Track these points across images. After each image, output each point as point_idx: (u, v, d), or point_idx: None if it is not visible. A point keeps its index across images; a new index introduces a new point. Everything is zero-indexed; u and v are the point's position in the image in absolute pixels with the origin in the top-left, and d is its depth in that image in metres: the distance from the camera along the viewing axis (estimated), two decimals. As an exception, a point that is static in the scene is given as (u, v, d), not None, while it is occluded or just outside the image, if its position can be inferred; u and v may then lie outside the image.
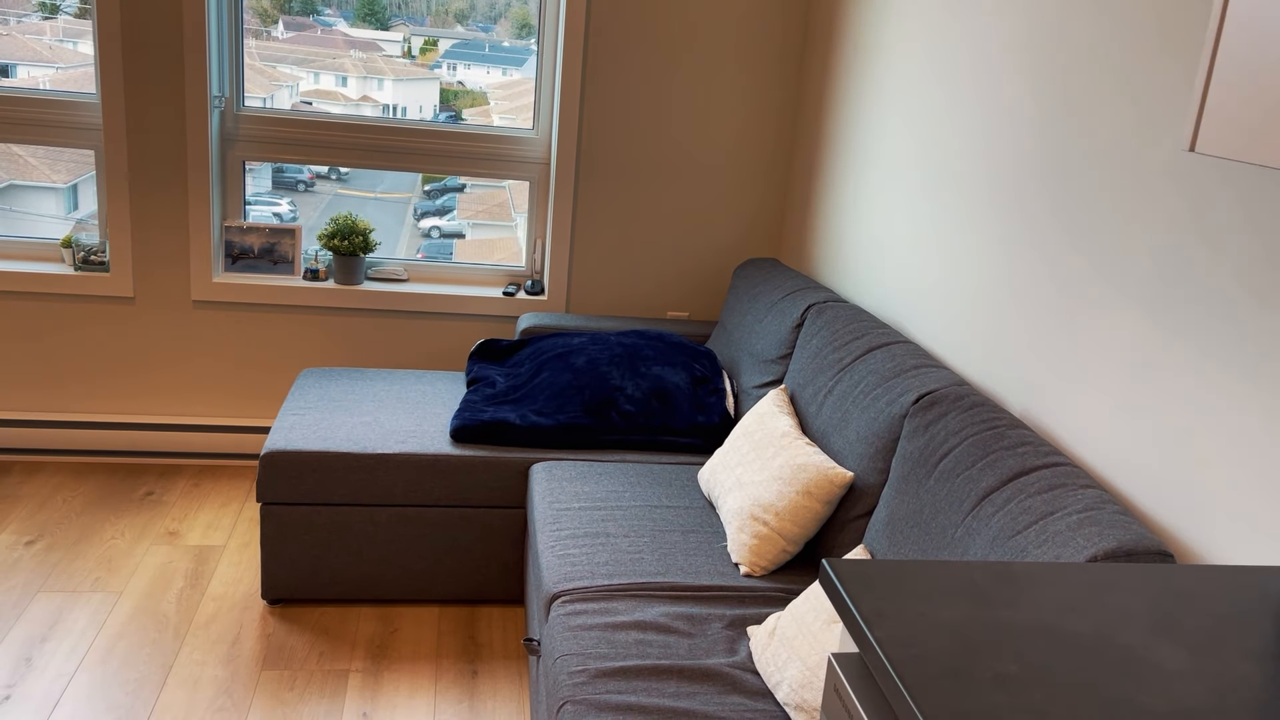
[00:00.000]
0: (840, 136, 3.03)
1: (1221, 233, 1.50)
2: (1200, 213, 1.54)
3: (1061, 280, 1.90)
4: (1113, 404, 1.73)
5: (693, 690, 1.76)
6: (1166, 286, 1.61)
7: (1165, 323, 1.61)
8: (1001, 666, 1.02)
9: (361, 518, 2.61)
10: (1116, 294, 1.74)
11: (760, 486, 2.24)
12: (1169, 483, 1.59)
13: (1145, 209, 1.67)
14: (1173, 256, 1.60)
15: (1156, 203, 1.64)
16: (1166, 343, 1.61)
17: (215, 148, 3.24)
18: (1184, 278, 1.57)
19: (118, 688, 2.29)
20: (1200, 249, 1.54)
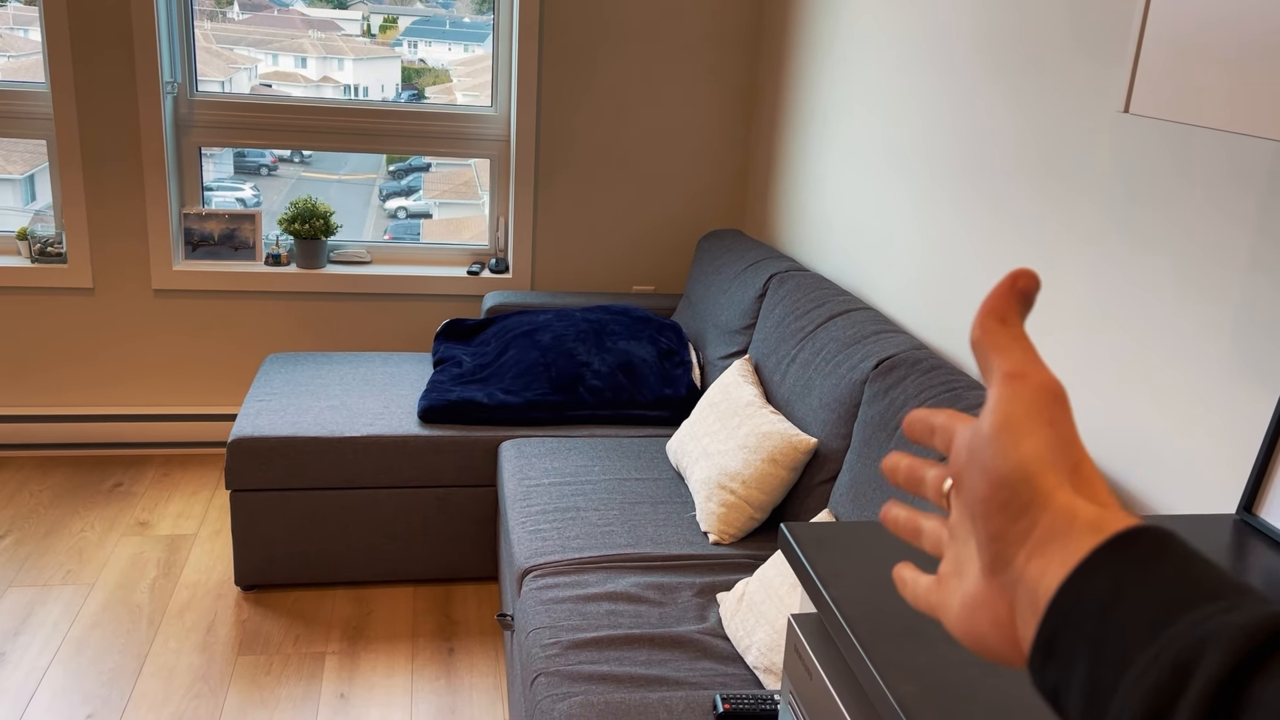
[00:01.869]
0: (800, 107, 3.04)
1: (1155, 188, 1.53)
2: (1136, 170, 1.57)
3: (1012, 242, 1.93)
4: (1065, 358, 1.77)
5: (664, 657, 1.79)
6: (1111, 241, 1.64)
7: (1113, 276, 1.64)
8: (953, 620, 1.05)
9: (332, 501, 2.61)
10: (1063, 253, 1.77)
11: (727, 456, 2.26)
12: (1115, 432, 1.63)
13: (1088, 168, 1.70)
14: (1115, 214, 1.63)
15: (1098, 162, 1.67)
16: (1116, 294, 1.64)
17: (170, 134, 3.20)
18: (1127, 233, 1.60)
19: (93, 679, 2.29)
20: (1139, 206, 1.57)
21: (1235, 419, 1.38)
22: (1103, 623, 0.36)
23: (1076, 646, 0.36)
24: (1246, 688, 0.31)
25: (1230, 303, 1.40)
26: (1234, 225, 1.39)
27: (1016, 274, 0.46)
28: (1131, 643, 0.35)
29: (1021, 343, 0.45)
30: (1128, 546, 0.37)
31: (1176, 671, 0.32)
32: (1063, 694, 0.37)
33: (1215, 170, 1.42)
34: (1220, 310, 1.41)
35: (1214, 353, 1.42)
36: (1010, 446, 0.41)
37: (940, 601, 0.47)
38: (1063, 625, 0.37)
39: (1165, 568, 0.36)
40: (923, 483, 0.51)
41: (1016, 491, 0.41)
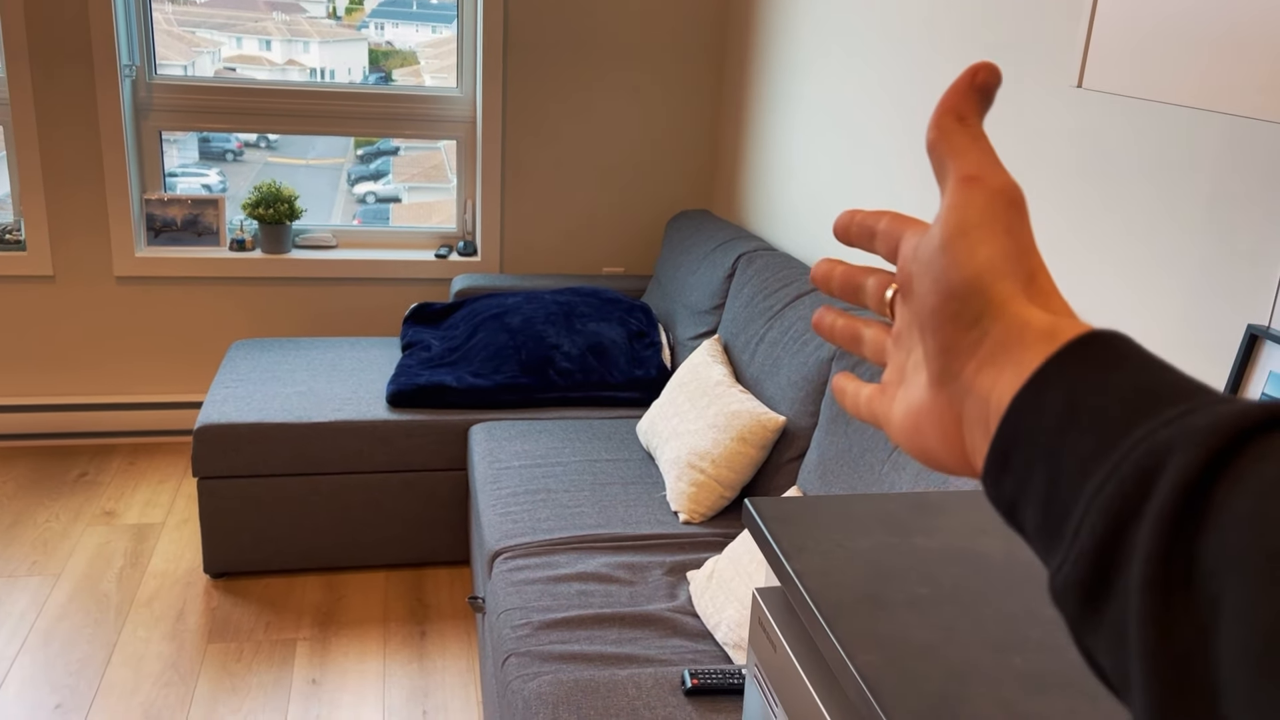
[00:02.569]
0: (768, 87, 3.04)
1: (1110, 162, 1.54)
2: (1097, 148, 1.59)
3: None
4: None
5: (634, 636, 1.80)
6: (1074, 219, 1.66)
7: (1072, 254, 1.66)
8: (913, 589, 1.07)
9: (301, 487, 2.60)
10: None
11: (696, 435, 2.27)
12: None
13: (1043, 145, 1.72)
14: (1077, 190, 1.65)
15: (1052, 139, 1.69)
16: (1075, 274, 1.66)
17: (129, 119, 3.15)
18: (1089, 211, 1.62)
19: (61, 669, 2.27)
20: (1099, 181, 1.59)
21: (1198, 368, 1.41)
22: (1059, 433, 0.34)
23: (1033, 459, 0.35)
24: (1213, 491, 0.29)
25: (1184, 280, 1.42)
26: (1190, 202, 1.41)
27: (976, 67, 0.43)
28: (1090, 452, 0.33)
29: (980, 144, 0.42)
30: (1082, 353, 0.35)
31: (1139, 479, 0.31)
32: (1019, 507, 0.36)
33: (1168, 144, 1.44)
34: (1175, 287, 1.43)
35: (1176, 307, 1.44)
36: (964, 255, 0.39)
37: (883, 411, 0.46)
38: (1017, 437, 0.36)
39: (1122, 373, 0.34)
40: (861, 290, 0.48)
41: (968, 302, 0.39)
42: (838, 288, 0.49)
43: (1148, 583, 0.29)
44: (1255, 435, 0.30)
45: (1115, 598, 0.31)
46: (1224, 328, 1.35)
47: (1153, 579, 0.29)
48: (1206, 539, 0.29)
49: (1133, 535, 0.30)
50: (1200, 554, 0.29)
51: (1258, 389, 1.25)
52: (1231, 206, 1.34)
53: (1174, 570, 0.29)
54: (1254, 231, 1.30)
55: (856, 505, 1.23)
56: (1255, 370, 1.26)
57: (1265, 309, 1.27)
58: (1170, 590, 0.29)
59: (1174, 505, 0.30)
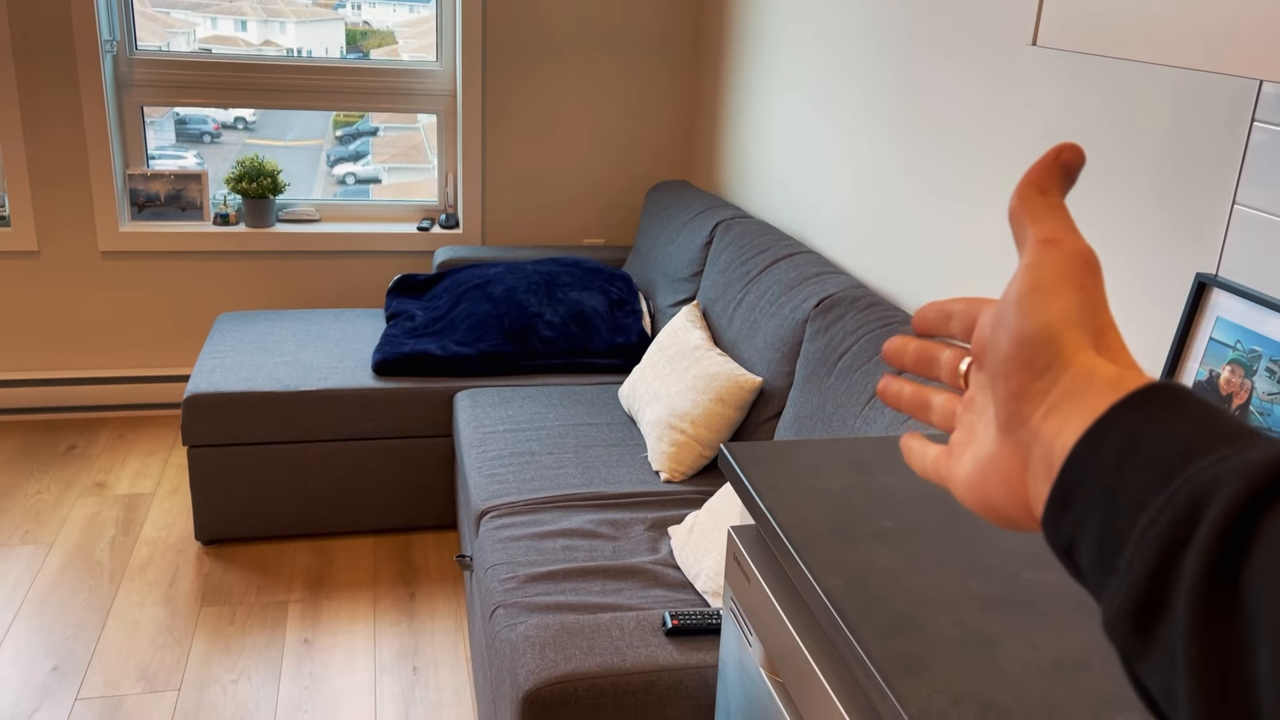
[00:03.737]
0: (744, 58, 3.08)
1: (1074, 120, 1.60)
2: (1055, 105, 1.65)
3: (945, 183, 2.01)
4: (993, 283, 1.85)
5: (618, 586, 1.86)
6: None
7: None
8: (879, 523, 1.13)
9: (290, 455, 2.65)
10: (991, 191, 1.85)
11: (676, 397, 2.33)
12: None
13: (1000, 100, 1.77)
14: (1033, 148, 1.71)
15: (1015, 102, 1.75)
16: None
17: (110, 93, 3.17)
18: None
19: (57, 634, 2.32)
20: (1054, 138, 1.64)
21: (1147, 324, 1.47)
22: (1117, 473, 0.35)
23: (1091, 498, 0.36)
24: (1261, 519, 0.30)
25: (1137, 231, 1.48)
26: (1142, 155, 1.47)
27: (1061, 147, 0.45)
28: (1146, 488, 0.34)
29: (1059, 213, 0.44)
30: (1146, 400, 0.37)
31: (1190, 509, 0.32)
32: (1076, 547, 0.37)
33: (1120, 98, 1.50)
34: (1128, 239, 1.50)
35: (1127, 261, 1.51)
36: (1039, 307, 0.41)
37: (950, 469, 0.47)
38: (1078, 479, 0.37)
39: (1181, 417, 0.35)
40: (935, 362, 0.51)
41: (1039, 350, 0.41)
42: (911, 362, 0.52)
43: (1193, 603, 0.31)
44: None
45: (1164, 624, 0.32)
46: (1174, 276, 1.41)
47: (1198, 600, 0.31)
48: (1251, 564, 0.30)
49: (1182, 564, 0.32)
50: (1244, 578, 0.30)
51: (1205, 334, 1.32)
52: (1180, 158, 1.40)
53: (1218, 593, 0.30)
54: (1202, 182, 1.36)
55: (828, 448, 1.29)
56: (1203, 316, 1.33)
57: (1213, 258, 1.34)
58: (1214, 611, 0.30)
59: (1220, 531, 0.31)
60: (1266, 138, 1.26)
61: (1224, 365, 1.28)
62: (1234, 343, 1.27)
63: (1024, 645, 0.94)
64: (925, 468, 0.50)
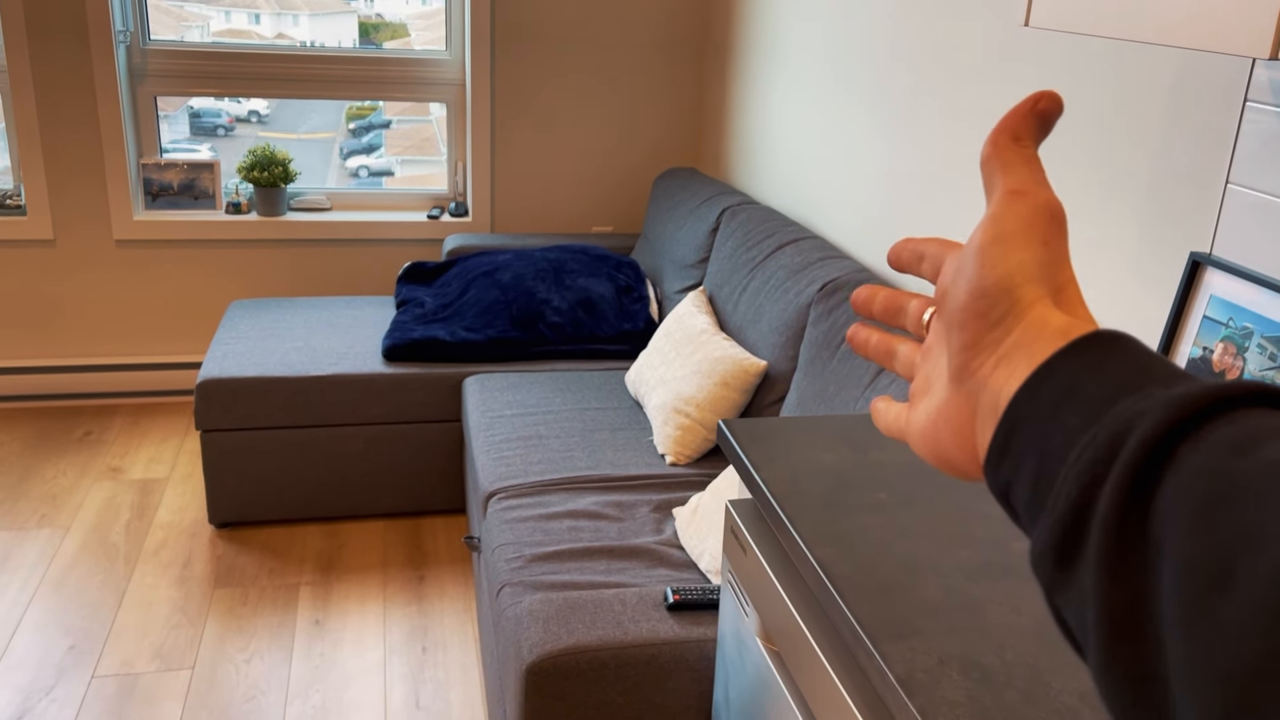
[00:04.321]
0: (751, 46, 3.10)
1: (1071, 102, 1.62)
2: (1055, 86, 1.66)
3: (949, 167, 2.02)
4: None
5: (623, 566, 1.89)
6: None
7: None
8: (872, 496, 1.15)
9: (301, 439, 2.69)
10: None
11: (681, 381, 2.35)
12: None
13: (997, 81, 1.79)
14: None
15: (1017, 85, 1.76)
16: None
17: (124, 84, 3.20)
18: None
19: (73, 614, 2.37)
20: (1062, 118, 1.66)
21: (1137, 319, 1.49)
22: (1054, 416, 0.36)
23: (1028, 441, 0.36)
24: (1176, 450, 0.31)
25: (1132, 211, 1.49)
26: (1137, 135, 1.48)
27: (1039, 95, 0.45)
28: (1077, 428, 0.35)
29: (1031, 164, 0.44)
30: (1089, 347, 0.37)
31: (1110, 445, 0.32)
32: (1013, 490, 0.37)
33: (1113, 79, 1.51)
34: (1123, 218, 1.51)
35: (1120, 259, 1.52)
36: (999, 258, 0.41)
37: (907, 421, 0.47)
38: (1017, 424, 0.37)
39: (1121, 362, 0.36)
40: (902, 311, 0.50)
41: (995, 301, 0.41)
42: (879, 311, 0.52)
43: (1105, 534, 0.31)
44: (1231, 407, 0.31)
45: (1082, 558, 0.32)
46: (1168, 255, 1.43)
47: (1109, 530, 0.31)
48: (1161, 491, 0.30)
49: (1099, 498, 0.32)
50: (1154, 505, 0.30)
51: (1199, 312, 1.33)
52: (1174, 138, 1.41)
53: (1130, 522, 0.31)
54: (1196, 162, 1.38)
55: (823, 425, 1.31)
56: (1197, 294, 1.34)
57: (1206, 236, 1.35)
58: (1125, 540, 0.31)
59: (1135, 461, 0.31)
60: (1259, 117, 1.27)
61: (1216, 342, 1.30)
62: (1226, 320, 1.29)
63: (1009, 610, 0.96)
64: (889, 425, 0.49)
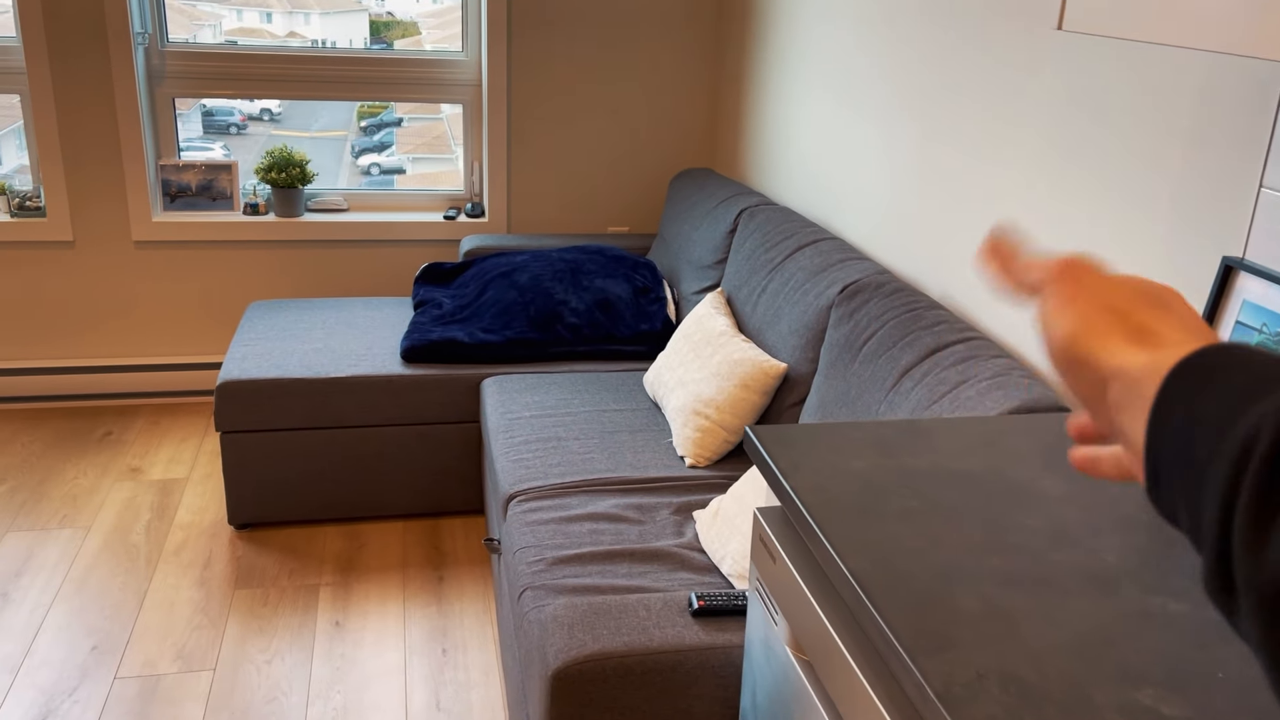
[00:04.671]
0: (767, 45, 3.09)
1: (1102, 105, 1.60)
2: (1083, 88, 1.65)
3: (971, 168, 2.01)
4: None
5: (644, 569, 1.89)
6: (1058, 161, 1.72)
7: (1054, 193, 1.72)
8: (903, 503, 1.15)
9: (320, 440, 2.69)
10: (1018, 175, 1.85)
11: (700, 383, 2.35)
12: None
13: (1028, 86, 1.77)
14: (1061, 132, 1.71)
15: (1043, 85, 1.75)
16: (1061, 215, 1.72)
17: (143, 85, 3.21)
18: (1073, 151, 1.68)
19: (95, 614, 2.38)
20: (1082, 123, 1.65)
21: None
22: (1187, 445, 0.40)
23: (1172, 471, 0.41)
24: None
25: (1164, 216, 1.48)
26: (1170, 138, 1.47)
27: (986, 247, 0.55)
28: (1208, 453, 0.38)
29: (1025, 262, 0.52)
30: (1186, 374, 0.41)
31: (1242, 455, 0.35)
32: (1177, 516, 0.41)
33: (1145, 82, 1.50)
34: (1155, 223, 1.50)
35: (1153, 247, 1.51)
36: (1048, 340, 0.49)
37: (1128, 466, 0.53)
38: (1158, 459, 0.42)
39: (1224, 378, 0.40)
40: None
41: (1072, 370, 0.47)
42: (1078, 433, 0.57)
43: (1247, 524, 0.34)
44: None
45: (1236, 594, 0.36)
46: (1200, 260, 1.41)
47: (1248, 523, 0.34)
48: None
49: (1234, 517, 0.36)
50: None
51: (1231, 318, 1.32)
52: (1206, 141, 1.40)
53: (1264, 517, 0.34)
54: (1228, 165, 1.36)
55: (851, 431, 1.31)
56: (1230, 299, 1.33)
57: (1239, 241, 1.34)
58: (1263, 530, 0.34)
59: (1267, 464, 0.34)
60: (1293, 120, 1.25)
61: (1249, 348, 1.28)
62: (1260, 325, 1.28)
63: (1046, 622, 0.96)
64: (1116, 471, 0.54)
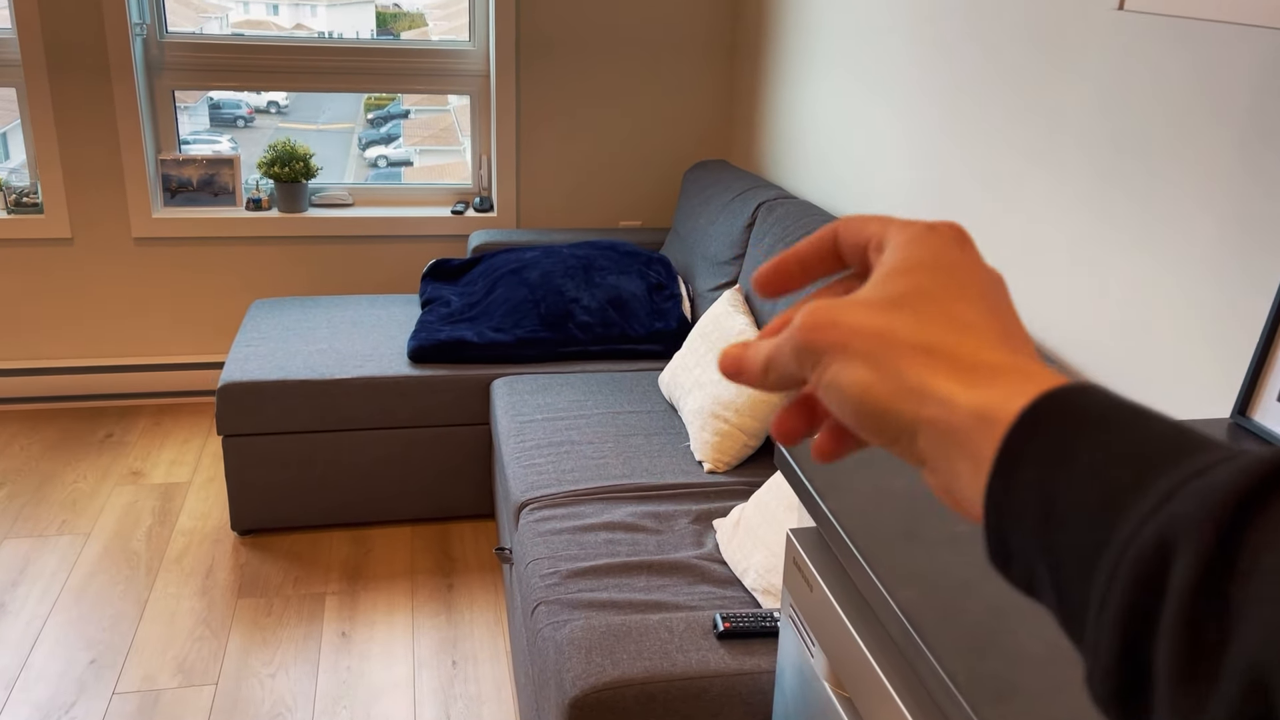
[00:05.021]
0: (784, 29, 2.99)
1: (1155, 94, 1.51)
2: (1133, 74, 1.55)
3: (1005, 156, 1.91)
4: (1064, 284, 1.76)
5: (663, 583, 1.80)
6: (1099, 148, 1.62)
7: (1102, 185, 1.63)
8: (950, 527, 1.06)
9: (326, 444, 2.61)
10: (1059, 172, 1.75)
11: (719, 385, 2.26)
12: (1109, 338, 1.62)
13: (1078, 80, 1.68)
14: (1108, 123, 1.61)
15: (1085, 73, 1.65)
16: (1105, 201, 1.62)
17: (141, 78, 3.13)
18: (1115, 139, 1.58)
19: (94, 625, 2.30)
20: (1131, 114, 1.55)
21: (1229, 321, 1.38)
22: (1050, 519, 0.32)
23: (1029, 552, 0.33)
24: (1227, 589, 0.27)
25: (1219, 203, 1.38)
26: (1222, 123, 1.37)
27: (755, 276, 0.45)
28: (1090, 537, 0.30)
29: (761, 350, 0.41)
30: (1038, 428, 0.33)
31: (1148, 572, 0.29)
32: (1037, 593, 0.34)
33: (1206, 65, 1.40)
34: (1209, 211, 1.40)
35: (1204, 256, 1.41)
36: (831, 396, 0.38)
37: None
38: (1006, 532, 0.33)
39: (1092, 439, 0.31)
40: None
41: (873, 428, 0.37)
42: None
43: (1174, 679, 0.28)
44: (1256, 505, 0.27)
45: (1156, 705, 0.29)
46: (1259, 271, 1.32)
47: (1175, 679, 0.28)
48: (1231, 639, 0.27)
49: (1151, 647, 0.28)
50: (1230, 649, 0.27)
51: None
52: (1270, 140, 1.30)
53: (1196, 674, 0.27)
54: (1296, 160, 1.26)
55: (890, 445, 1.22)
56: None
57: (1308, 239, 1.24)
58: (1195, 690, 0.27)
59: (1187, 612, 0.27)
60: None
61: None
62: (1332, 331, 1.18)
63: (1119, 666, 0.87)
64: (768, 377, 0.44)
